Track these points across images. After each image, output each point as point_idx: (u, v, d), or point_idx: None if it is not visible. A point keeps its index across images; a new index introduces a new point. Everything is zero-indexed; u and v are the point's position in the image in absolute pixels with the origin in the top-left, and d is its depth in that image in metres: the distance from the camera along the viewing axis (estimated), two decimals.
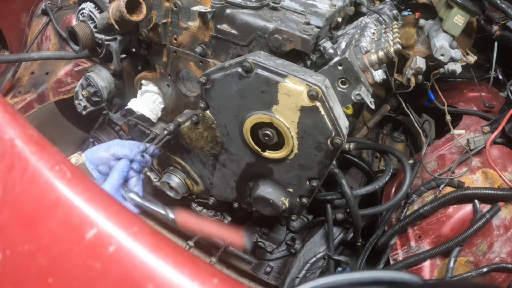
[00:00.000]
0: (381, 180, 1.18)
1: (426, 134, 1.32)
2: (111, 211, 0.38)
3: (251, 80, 0.81)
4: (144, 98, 1.09)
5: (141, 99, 1.10)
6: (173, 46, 0.97)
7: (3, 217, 0.39)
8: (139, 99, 1.10)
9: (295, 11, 0.94)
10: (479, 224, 0.99)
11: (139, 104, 1.07)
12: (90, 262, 0.36)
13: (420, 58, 1.17)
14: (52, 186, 0.38)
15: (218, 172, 1.03)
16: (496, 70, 1.51)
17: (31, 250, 0.37)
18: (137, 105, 1.07)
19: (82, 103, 1.11)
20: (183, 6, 0.91)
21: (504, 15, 1.22)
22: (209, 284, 0.35)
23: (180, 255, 0.37)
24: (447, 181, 1.11)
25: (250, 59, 0.79)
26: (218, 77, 0.84)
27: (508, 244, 1.04)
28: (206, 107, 0.91)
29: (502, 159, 1.13)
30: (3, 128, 0.41)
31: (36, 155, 0.39)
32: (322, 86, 0.77)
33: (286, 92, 0.79)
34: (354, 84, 0.85)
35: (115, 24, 0.85)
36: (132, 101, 1.08)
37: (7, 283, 0.38)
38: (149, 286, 0.34)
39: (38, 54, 1.12)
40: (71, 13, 1.39)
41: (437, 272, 1.05)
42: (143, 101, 1.08)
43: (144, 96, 1.10)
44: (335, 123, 0.79)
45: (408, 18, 1.34)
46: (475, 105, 1.38)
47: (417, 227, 1.11)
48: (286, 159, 0.88)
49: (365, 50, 0.89)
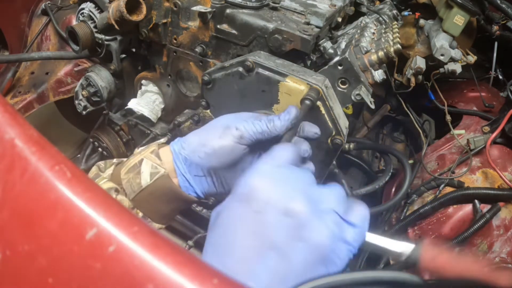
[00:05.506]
0: (381, 180, 1.18)
1: (426, 134, 1.32)
2: (111, 211, 0.38)
3: (252, 80, 0.81)
4: (144, 98, 1.09)
5: (141, 99, 1.09)
6: (173, 46, 0.97)
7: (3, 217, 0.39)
8: (139, 99, 1.10)
9: (295, 11, 0.94)
10: (479, 224, 0.99)
11: (139, 104, 1.07)
12: (90, 262, 0.36)
13: (420, 58, 1.17)
14: (52, 186, 0.38)
15: None
16: (496, 70, 1.51)
17: (31, 250, 0.37)
18: (137, 105, 1.07)
19: (82, 103, 1.11)
20: (183, 6, 0.91)
21: (504, 15, 1.22)
22: (209, 284, 0.35)
23: (180, 255, 0.37)
24: (447, 181, 1.11)
25: (251, 58, 0.80)
26: (219, 77, 0.84)
27: (508, 244, 1.04)
28: (206, 107, 0.91)
29: (502, 159, 1.13)
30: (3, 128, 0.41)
31: (36, 155, 0.39)
32: (322, 86, 0.77)
33: (287, 91, 0.79)
34: (354, 84, 0.85)
35: (115, 24, 0.85)
36: (132, 101, 1.08)
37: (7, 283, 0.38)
38: (149, 286, 0.34)
39: (38, 54, 1.12)
40: (71, 13, 1.39)
41: None
42: (143, 101, 1.08)
43: (144, 96, 1.10)
44: (335, 122, 0.80)
45: (408, 18, 1.34)
46: (475, 105, 1.38)
47: (417, 227, 1.11)
48: None
49: (365, 50, 0.89)
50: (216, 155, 0.53)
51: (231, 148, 0.52)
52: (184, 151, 0.56)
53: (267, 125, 0.54)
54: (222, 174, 0.55)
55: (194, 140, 0.56)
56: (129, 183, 0.56)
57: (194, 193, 0.58)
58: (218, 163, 0.53)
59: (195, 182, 0.56)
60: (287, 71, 0.78)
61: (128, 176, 0.57)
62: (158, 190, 0.56)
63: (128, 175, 0.57)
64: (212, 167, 0.54)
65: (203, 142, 0.54)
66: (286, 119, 0.55)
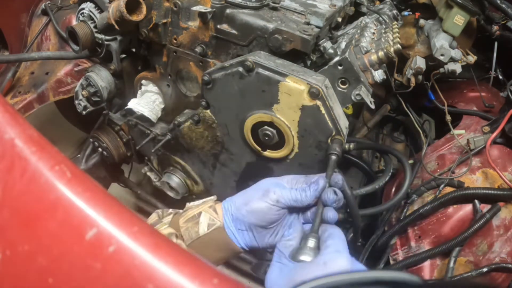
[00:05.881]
0: (381, 180, 1.17)
1: (426, 134, 1.32)
2: (111, 211, 0.38)
3: (252, 80, 0.81)
4: (144, 98, 1.09)
5: (141, 99, 1.09)
6: (173, 46, 0.97)
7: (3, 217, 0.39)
8: (139, 99, 1.10)
9: (295, 11, 0.94)
10: (479, 224, 0.99)
11: (139, 104, 1.07)
12: (90, 262, 0.36)
13: (420, 58, 1.17)
14: (52, 186, 0.38)
15: (218, 172, 1.03)
16: (496, 70, 1.50)
17: (31, 250, 0.37)
18: (137, 105, 1.07)
19: (82, 103, 1.11)
20: (183, 6, 0.91)
21: (504, 15, 1.22)
22: (209, 284, 0.35)
23: (180, 255, 0.37)
24: (447, 181, 1.11)
25: (251, 58, 0.80)
26: (219, 77, 0.85)
27: (508, 244, 1.04)
28: (207, 107, 0.91)
29: (502, 159, 1.13)
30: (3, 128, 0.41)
31: (36, 155, 0.39)
32: (322, 86, 0.77)
33: (287, 91, 0.79)
34: (354, 84, 0.85)
35: (115, 24, 0.85)
36: (132, 101, 1.08)
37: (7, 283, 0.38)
38: (149, 286, 0.34)
39: (38, 54, 1.12)
40: (71, 13, 1.39)
41: (437, 272, 1.05)
42: (143, 101, 1.08)
43: (144, 96, 1.10)
44: (335, 122, 0.80)
45: (408, 18, 1.34)
46: (475, 105, 1.38)
47: (417, 227, 1.11)
48: (287, 158, 0.88)
49: (365, 50, 0.89)
50: (255, 213, 0.62)
51: (268, 209, 0.62)
52: (231, 209, 0.66)
53: (301, 194, 0.63)
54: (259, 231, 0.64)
55: (239, 199, 0.66)
56: (187, 231, 0.66)
57: (239, 244, 0.66)
58: (256, 220, 0.63)
59: (239, 235, 0.65)
60: (287, 71, 0.78)
61: (187, 225, 0.67)
62: (213, 239, 0.66)
63: (186, 224, 0.67)
64: (252, 223, 0.63)
65: (246, 202, 0.64)
66: (314, 189, 0.63)
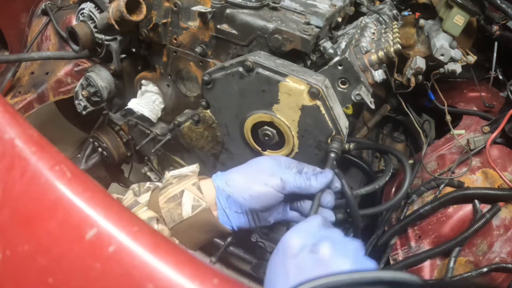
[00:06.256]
0: (381, 180, 1.17)
1: (426, 134, 1.32)
2: (111, 211, 0.38)
3: (252, 80, 0.81)
4: (144, 98, 1.09)
5: (141, 99, 1.09)
6: (173, 46, 0.97)
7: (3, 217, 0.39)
8: (139, 99, 1.10)
9: (295, 11, 0.94)
10: (479, 224, 0.99)
11: (139, 104, 1.07)
12: (90, 262, 0.36)
13: (420, 58, 1.17)
14: (52, 186, 0.38)
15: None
16: (496, 70, 1.50)
17: (31, 250, 0.37)
18: (137, 105, 1.07)
19: (82, 103, 1.11)
20: (183, 6, 0.91)
21: (504, 15, 1.22)
22: (209, 284, 0.35)
23: (180, 255, 0.37)
24: (447, 181, 1.11)
25: (251, 58, 0.80)
26: (219, 77, 0.85)
27: (508, 244, 1.04)
28: (207, 107, 0.91)
29: (502, 159, 1.13)
30: (3, 128, 0.41)
31: (36, 155, 0.39)
32: (322, 86, 0.77)
33: (287, 91, 0.79)
34: (354, 84, 0.85)
35: (115, 24, 0.85)
36: (132, 101, 1.08)
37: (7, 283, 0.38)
38: (149, 286, 0.34)
39: (38, 54, 1.12)
40: (71, 13, 1.39)
41: (437, 272, 1.05)
42: (143, 101, 1.08)
43: (144, 96, 1.10)
44: (335, 122, 0.80)
45: (408, 18, 1.34)
46: (475, 105, 1.38)
47: (417, 227, 1.11)
48: None
49: (365, 50, 0.89)
50: (259, 199, 0.60)
51: (274, 195, 0.60)
52: (228, 189, 0.61)
53: (306, 183, 0.61)
54: (258, 214, 0.63)
55: (239, 180, 0.61)
56: (169, 212, 0.62)
57: (230, 226, 0.64)
58: (258, 205, 0.61)
59: (233, 217, 0.63)
60: (287, 71, 0.78)
61: (168, 205, 0.62)
62: (198, 222, 0.62)
63: (168, 204, 0.62)
64: (252, 207, 0.61)
65: (250, 185, 0.60)
66: (322, 182, 0.62)
